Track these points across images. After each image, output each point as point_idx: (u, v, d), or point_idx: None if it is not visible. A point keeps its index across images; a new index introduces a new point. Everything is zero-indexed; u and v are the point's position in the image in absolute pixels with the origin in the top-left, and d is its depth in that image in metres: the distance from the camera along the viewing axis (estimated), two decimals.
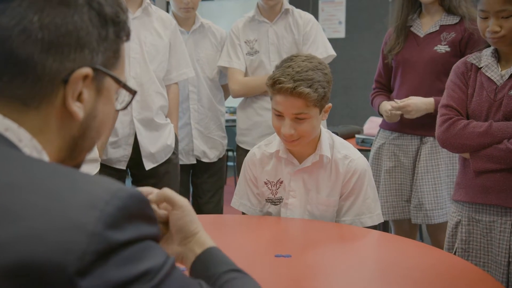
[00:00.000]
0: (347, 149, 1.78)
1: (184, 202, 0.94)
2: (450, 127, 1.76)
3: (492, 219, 1.74)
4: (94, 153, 1.98)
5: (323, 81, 1.65)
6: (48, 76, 0.67)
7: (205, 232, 0.95)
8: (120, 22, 0.73)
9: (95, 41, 0.69)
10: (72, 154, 0.73)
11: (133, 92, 0.77)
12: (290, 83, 1.61)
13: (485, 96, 1.75)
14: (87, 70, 0.68)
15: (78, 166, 0.77)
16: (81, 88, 0.69)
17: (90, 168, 1.96)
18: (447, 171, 2.39)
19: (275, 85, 1.64)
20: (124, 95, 0.78)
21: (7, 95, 0.66)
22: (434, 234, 2.48)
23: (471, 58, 1.82)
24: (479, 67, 1.78)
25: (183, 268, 0.92)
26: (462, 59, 1.86)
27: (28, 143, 0.67)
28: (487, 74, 1.76)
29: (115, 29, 0.72)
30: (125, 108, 0.79)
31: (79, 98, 0.69)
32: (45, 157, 0.69)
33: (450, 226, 1.87)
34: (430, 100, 2.32)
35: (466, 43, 2.33)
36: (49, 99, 0.68)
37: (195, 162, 2.86)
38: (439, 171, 2.37)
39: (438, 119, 1.81)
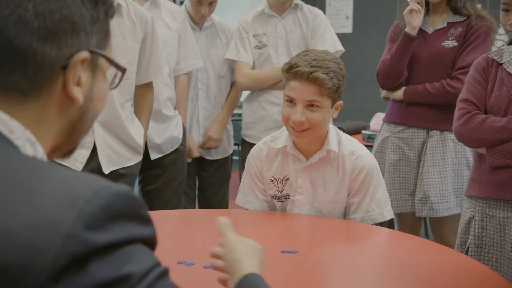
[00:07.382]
0: (353, 145, 1.77)
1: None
2: (468, 121, 1.75)
3: (506, 215, 1.72)
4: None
5: (339, 73, 1.67)
6: (48, 64, 0.65)
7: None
8: (108, 0, 0.72)
9: (88, 24, 0.69)
10: (70, 138, 0.72)
11: (123, 70, 0.76)
12: (307, 67, 1.62)
13: (505, 91, 1.73)
14: (85, 54, 0.68)
15: (73, 149, 0.75)
16: (80, 72, 0.68)
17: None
18: (453, 165, 2.39)
19: (291, 69, 1.65)
20: (115, 73, 0.77)
21: (5, 88, 0.64)
22: (437, 229, 2.48)
23: (492, 54, 1.81)
24: (501, 63, 1.77)
25: None
26: (484, 55, 1.85)
27: (20, 135, 0.64)
28: (508, 69, 1.74)
29: (104, 8, 0.72)
30: (117, 86, 0.78)
31: (77, 82, 0.68)
32: (39, 149, 0.67)
33: (463, 222, 1.85)
34: None
35: (465, 35, 2.34)
36: (49, 87, 0.66)
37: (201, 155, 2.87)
38: (445, 165, 2.38)
39: (456, 113, 1.80)
